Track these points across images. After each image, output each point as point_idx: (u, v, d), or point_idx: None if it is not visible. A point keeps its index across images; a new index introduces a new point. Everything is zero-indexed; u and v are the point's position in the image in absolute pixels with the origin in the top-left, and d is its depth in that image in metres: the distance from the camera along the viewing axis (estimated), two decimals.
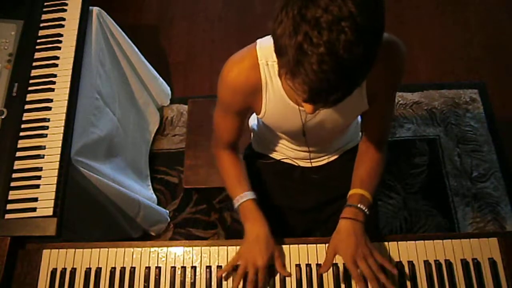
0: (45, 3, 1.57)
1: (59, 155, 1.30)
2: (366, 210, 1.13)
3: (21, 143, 1.33)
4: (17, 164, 1.30)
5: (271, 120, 1.15)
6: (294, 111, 1.07)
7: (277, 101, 1.07)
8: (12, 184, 1.28)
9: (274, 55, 0.81)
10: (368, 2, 0.73)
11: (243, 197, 1.18)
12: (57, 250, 1.20)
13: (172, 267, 1.18)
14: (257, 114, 1.14)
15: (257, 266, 1.10)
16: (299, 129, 1.15)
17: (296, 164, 1.38)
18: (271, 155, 1.41)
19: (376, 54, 0.78)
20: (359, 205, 1.12)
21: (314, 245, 1.18)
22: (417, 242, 1.17)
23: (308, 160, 1.36)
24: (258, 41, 1.05)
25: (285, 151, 1.36)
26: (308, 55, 0.73)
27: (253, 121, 1.46)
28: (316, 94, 0.79)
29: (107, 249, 1.20)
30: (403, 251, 1.16)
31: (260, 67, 1.03)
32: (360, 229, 1.10)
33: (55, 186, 1.26)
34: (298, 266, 1.15)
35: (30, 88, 1.41)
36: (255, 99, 1.09)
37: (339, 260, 1.13)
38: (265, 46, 1.03)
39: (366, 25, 0.73)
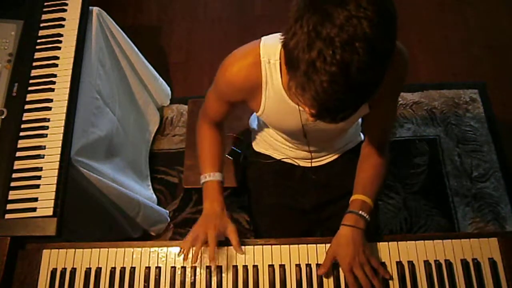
0: (45, 3, 1.57)
1: (59, 155, 1.30)
2: (367, 217, 1.13)
3: (21, 143, 1.33)
4: (17, 164, 1.30)
5: (270, 118, 1.15)
6: (294, 111, 1.07)
7: (277, 100, 1.07)
8: (12, 184, 1.27)
9: (277, 53, 0.81)
10: (383, 23, 0.73)
11: (211, 176, 1.20)
12: (57, 250, 1.20)
13: (172, 267, 1.18)
14: (256, 111, 1.14)
15: (206, 234, 1.12)
16: (299, 129, 1.15)
17: (296, 164, 1.38)
18: (271, 155, 1.41)
19: (385, 73, 0.78)
20: (360, 212, 1.13)
21: (314, 245, 1.18)
22: (417, 242, 1.17)
23: (309, 160, 1.36)
24: (263, 38, 1.04)
25: (286, 151, 1.36)
26: (320, 73, 0.73)
27: (253, 121, 1.46)
28: (324, 111, 0.80)
29: (107, 249, 1.20)
30: (403, 251, 1.16)
31: (262, 65, 1.03)
32: (359, 237, 1.11)
33: (55, 186, 1.26)
34: (298, 266, 1.15)
35: (30, 88, 1.41)
36: (253, 96, 1.09)
37: None
38: (269, 44, 1.03)
39: (379, 47, 0.73)
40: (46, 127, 1.34)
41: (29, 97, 1.39)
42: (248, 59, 1.04)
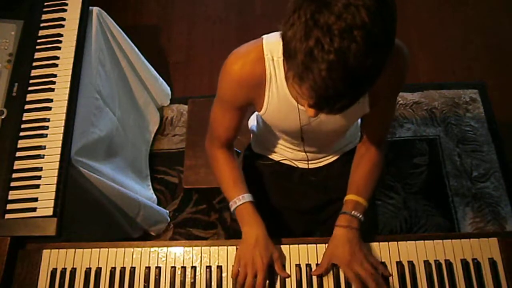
0: (45, 3, 1.57)
1: (59, 155, 1.30)
2: (360, 217, 1.13)
3: (21, 143, 1.33)
4: (17, 164, 1.30)
5: (271, 118, 1.14)
6: (294, 110, 1.06)
7: (280, 98, 1.06)
8: (12, 184, 1.27)
9: (281, 51, 0.80)
10: (382, 13, 0.73)
11: (240, 200, 1.16)
12: (57, 250, 1.20)
13: (172, 267, 1.18)
14: (258, 110, 1.12)
15: (255, 269, 1.09)
16: (297, 129, 1.15)
17: (295, 166, 1.38)
18: (270, 156, 1.40)
19: (385, 63, 0.78)
20: (353, 213, 1.13)
21: (314, 245, 1.18)
22: (417, 242, 1.17)
23: (306, 162, 1.36)
24: (265, 36, 1.03)
25: (284, 152, 1.36)
26: (318, 61, 0.73)
27: (252, 122, 1.46)
28: (322, 101, 0.79)
29: (107, 249, 1.20)
30: (403, 251, 1.16)
31: (266, 61, 1.02)
32: (355, 236, 1.11)
33: (55, 186, 1.26)
34: (298, 266, 1.15)
35: (30, 88, 1.41)
36: (257, 94, 1.08)
37: None
38: (271, 41, 1.02)
39: (378, 36, 0.73)
40: (46, 127, 1.34)
41: (29, 97, 1.39)
42: (251, 55, 1.02)
